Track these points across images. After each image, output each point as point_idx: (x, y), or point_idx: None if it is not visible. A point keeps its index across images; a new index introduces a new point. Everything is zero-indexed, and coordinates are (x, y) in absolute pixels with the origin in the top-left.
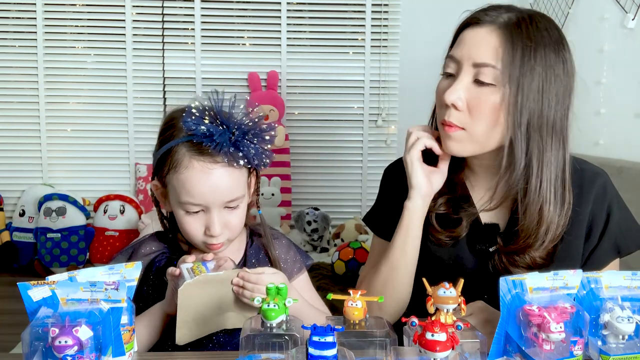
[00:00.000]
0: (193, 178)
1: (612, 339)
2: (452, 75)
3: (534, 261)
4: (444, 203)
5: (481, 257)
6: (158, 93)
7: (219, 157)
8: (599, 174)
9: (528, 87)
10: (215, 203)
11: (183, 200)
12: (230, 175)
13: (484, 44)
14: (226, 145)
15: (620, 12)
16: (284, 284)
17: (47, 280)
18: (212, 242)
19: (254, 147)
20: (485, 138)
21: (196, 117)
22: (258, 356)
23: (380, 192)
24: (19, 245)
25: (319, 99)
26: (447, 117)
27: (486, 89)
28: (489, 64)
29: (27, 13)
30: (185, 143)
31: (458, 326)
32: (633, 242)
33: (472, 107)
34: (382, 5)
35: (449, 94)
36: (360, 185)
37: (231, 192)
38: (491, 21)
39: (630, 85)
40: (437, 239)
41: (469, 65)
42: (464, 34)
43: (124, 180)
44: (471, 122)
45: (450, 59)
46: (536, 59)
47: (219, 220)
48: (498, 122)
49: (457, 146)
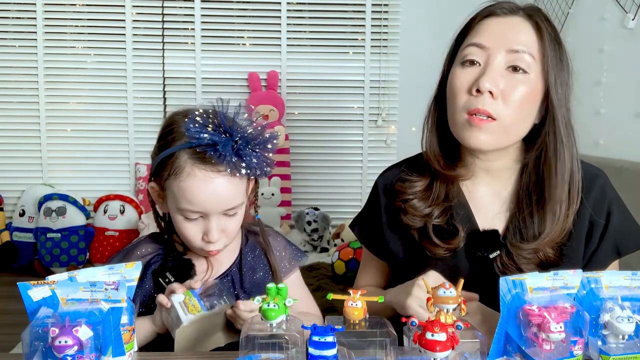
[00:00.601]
0: (194, 186)
1: (612, 339)
2: (475, 63)
3: (547, 257)
4: (440, 214)
5: (481, 265)
6: (158, 93)
7: (221, 166)
8: (597, 175)
9: (561, 80)
10: (214, 211)
11: (182, 207)
12: (231, 184)
13: (519, 30)
14: (229, 155)
15: (620, 12)
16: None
17: (47, 280)
18: (210, 248)
19: (256, 156)
20: (514, 129)
21: (199, 124)
22: (258, 356)
23: (369, 202)
24: (19, 245)
25: (319, 99)
26: (482, 105)
27: (521, 76)
28: (526, 51)
29: (27, 13)
30: (187, 150)
31: (458, 326)
32: (633, 243)
33: (507, 95)
34: (382, 5)
35: (484, 80)
36: (360, 185)
37: (231, 200)
38: (514, 11)
39: (630, 85)
40: (434, 253)
41: (502, 51)
42: (486, 22)
43: (124, 180)
44: (505, 109)
45: (474, 46)
46: (562, 51)
47: (217, 226)
48: (528, 112)
49: (486, 138)
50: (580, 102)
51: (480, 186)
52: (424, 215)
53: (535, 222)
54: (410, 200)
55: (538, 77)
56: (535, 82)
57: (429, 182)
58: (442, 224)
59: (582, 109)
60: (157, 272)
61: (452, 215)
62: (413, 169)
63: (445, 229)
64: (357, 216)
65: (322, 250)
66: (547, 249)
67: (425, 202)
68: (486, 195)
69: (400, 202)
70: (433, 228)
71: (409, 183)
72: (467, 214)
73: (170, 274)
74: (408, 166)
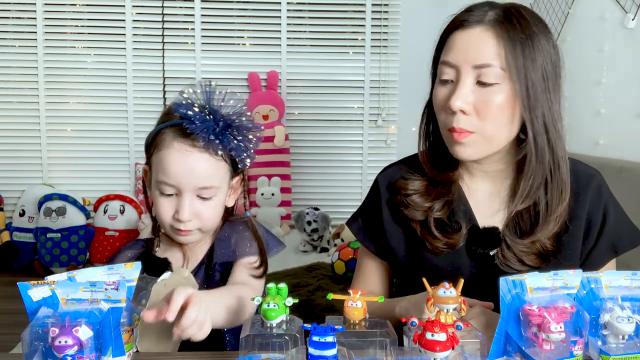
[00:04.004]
0: (170, 157)
1: (612, 339)
2: (450, 81)
3: (545, 248)
4: (441, 208)
5: (481, 262)
6: (158, 93)
7: (198, 142)
8: (593, 175)
9: (535, 79)
10: (187, 186)
11: (159, 178)
12: (206, 162)
13: (481, 44)
14: (207, 132)
15: (620, 12)
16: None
17: (47, 280)
18: (179, 227)
19: (235, 143)
20: (497, 138)
21: (188, 103)
22: (258, 356)
23: (369, 199)
24: (19, 245)
25: (319, 99)
26: (456, 123)
27: (490, 89)
28: (490, 64)
29: (27, 13)
30: (173, 127)
31: (458, 326)
32: (628, 241)
33: (479, 110)
34: (382, 5)
35: (454, 100)
36: (360, 185)
37: (205, 178)
38: (479, 20)
39: (630, 85)
40: (434, 247)
41: (468, 68)
42: (453, 37)
43: (124, 180)
44: (481, 124)
45: (445, 65)
46: (534, 49)
47: (189, 206)
48: (507, 120)
49: (470, 151)
50: (580, 102)
51: (479, 184)
52: (424, 209)
53: (531, 216)
54: (411, 195)
55: (510, 84)
56: (508, 89)
57: (428, 182)
58: (443, 218)
59: (582, 109)
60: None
61: (453, 210)
62: (413, 168)
63: (447, 223)
64: (355, 213)
65: (322, 250)
66: (544, 239)
67: (426, 198)
68: (485, 194)
69: (401, 197)
70: (434, 221)
71: (410, 181)
72: (467, 211)
73: (147, 274)
74: (408, 165)
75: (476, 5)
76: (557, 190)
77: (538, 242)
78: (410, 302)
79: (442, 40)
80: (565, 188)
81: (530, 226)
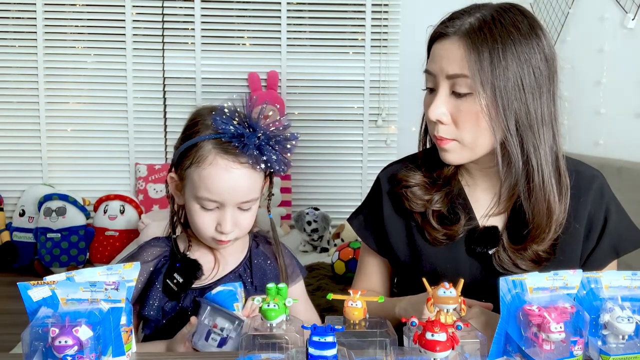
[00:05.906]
0: (215, 175)
1: (612, 339)
2: (433, 90)
3: (538, 255)
4: (441, 199)
5: (480, 261)
6: (158, 93)
7: (243, 157)
8: (595, 176)
9: (505, 89)
10: (231, 201)
11: (201, 195)
12: (249, 177)
13: (451, 55)
14: (252, 147)
15: (620, 12)
16: None
17: (47, 280)
18: (222, 238)
19: (275, 153)
20: (476, 145)
21: (226, 116)
22: (258, 356)
23: (370, 195)
24: (19, 245)
25: (319, 99)
26: (437, 132)
27: (465, 98)
28: (461, 74)
29: (27, 13)
30: (212, 140)
31: (458, 326)
32: (630, 242)
33: (456, 119)
34: (382, 5)
35: (431, 111)
36: (360, 185)
37: (248, 193)
38: (454, 31)
39: (630, 85)
40: (433, 237)
41: (443, 78)
42: (434, 47)
43: (124, 180)
44: (459, 133)
45: (427, 74)
46: (507, 58)
47: (232, 218)
48: (484, 128)
49: (453, 156)
50: (580, 102)
51: (478, 182)
52: (424, 202)
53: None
54: (412, 187)
55: (482, 93)
56: (483, 98)
57: (429, 179)
58: (442, 211)
59: (582, 109)
60: (165, 275)
61: (452, 204)
62: (415, 165)
63: (446, 215)
64: (356, 210)
65: (322, 250)
66: (537, 248)
67: (426, 190)
68: (484, 191)
69: (401, 189)
70: (433, 213)
71: (412, 174)
72: (466, 205)
73: (178, 275)
74: (410, 162)
75: (459, 13)
76: (541, 201)
77: (530, 250)
78: (410, 302)
79: (428, 49)
80: (551, 199)
81: (525, 235)
